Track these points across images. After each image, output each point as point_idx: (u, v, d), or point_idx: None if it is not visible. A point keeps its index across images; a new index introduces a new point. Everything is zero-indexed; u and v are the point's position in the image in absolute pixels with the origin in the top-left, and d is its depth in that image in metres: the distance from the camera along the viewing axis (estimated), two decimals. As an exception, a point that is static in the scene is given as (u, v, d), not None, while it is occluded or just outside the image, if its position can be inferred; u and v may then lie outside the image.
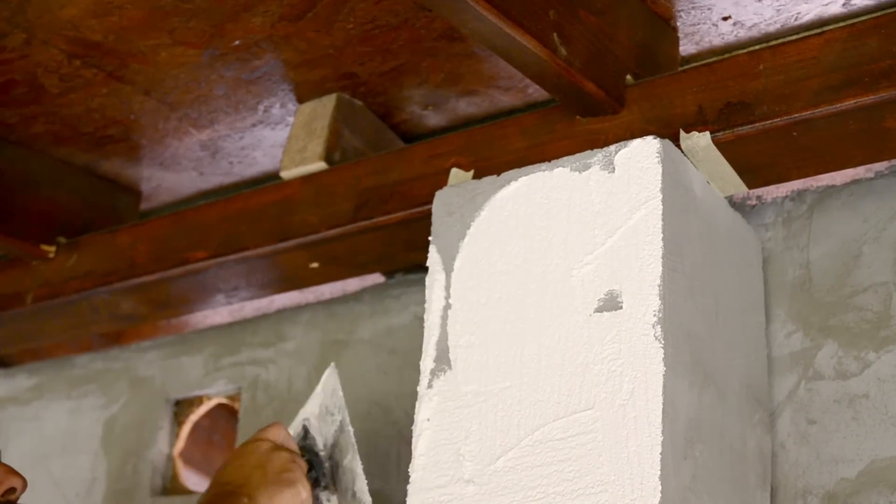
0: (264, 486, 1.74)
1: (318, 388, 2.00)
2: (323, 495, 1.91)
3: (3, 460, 1.79)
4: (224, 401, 2.77)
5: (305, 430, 1.97)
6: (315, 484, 1.90)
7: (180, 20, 2.00)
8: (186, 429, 2.79)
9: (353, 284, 2.54)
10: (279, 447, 1.82)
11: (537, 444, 1.61)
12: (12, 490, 1.78)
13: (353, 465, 1.91)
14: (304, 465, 1.85)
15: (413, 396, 1.80)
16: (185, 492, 2.72)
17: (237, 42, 2.06)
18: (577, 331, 1.64)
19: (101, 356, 3.01)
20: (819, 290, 1.88)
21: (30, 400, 3.11)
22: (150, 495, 2.71)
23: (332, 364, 2.00)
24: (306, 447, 1.95)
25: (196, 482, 2.96)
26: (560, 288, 1.68)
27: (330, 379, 1.99)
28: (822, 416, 1.81)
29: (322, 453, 1.95)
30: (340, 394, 1.98)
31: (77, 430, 2.94)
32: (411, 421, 1.89)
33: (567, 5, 1.72)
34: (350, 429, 1.94)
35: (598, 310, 1.63)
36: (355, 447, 1.92)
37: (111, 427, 2.88)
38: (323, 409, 1.98)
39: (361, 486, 1.90)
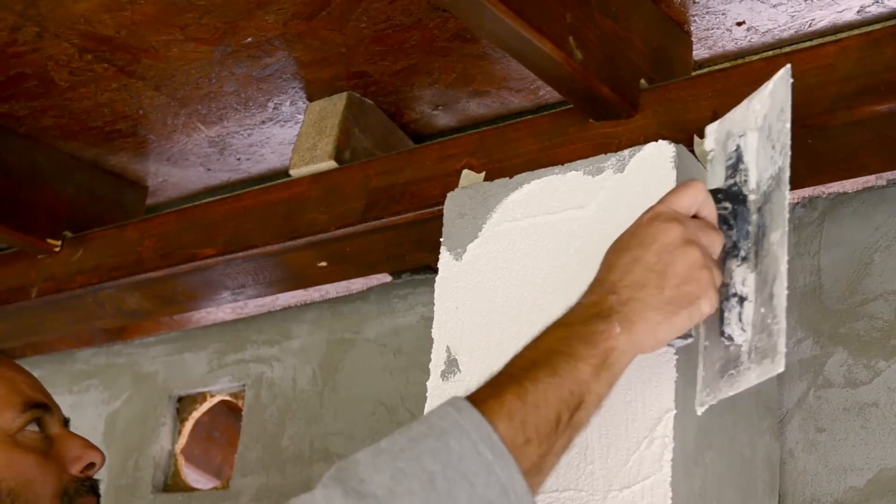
0: (653, 306, 1.31)
1: (766, 90, 1.40)
2: (738, 271, 1.38)
3: None
4: (228, 398, 2.76)
5: (738, 156, 1.42)
6: (731, 251, 1.39)
7: (193, 16, 1.99)
8: (189, 425, 2.79)
9: (358, 283, 2.53)
10: (691, 237, 1.35)
11: (547, 447, 1.61)
12: (91, 465, 1.73)
13: (779, 250, 1.34)
14: (719, 246, 1.37)
15: (419, 397, 1.80)
16: (187, 489, 2.72)
17: (249, 39, 2.06)
18: (589, 335, 1.63)
19: (104, 351, 3.01)
20: (829, 297, 1.88)
21: (31, 394, 3.10)
22: (151, 491, 2.71)
23: (788, 66, 1.41)
24: (731, 187, 1.40)
25: (196, 479, 2.96)
26: (571, 292, 1.68)
27: (780, 86, 1.39)
28: (831, 424, 1.81)
29: (751, 198, 1.40)
30: (788, 125, 1.35)
31: (79, 424, 2.91)
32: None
33: (583, 9, 1.72)
34: (787, 191, 1.34)
35: (610, 314, 1.62)
36: (786, 224, 1.35)
37: (113, 422, 2.88)
38: (766, 129, 1.39)
39: (782, 293, 1.32)
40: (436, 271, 1.84)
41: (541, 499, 1.58)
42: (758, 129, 1.41)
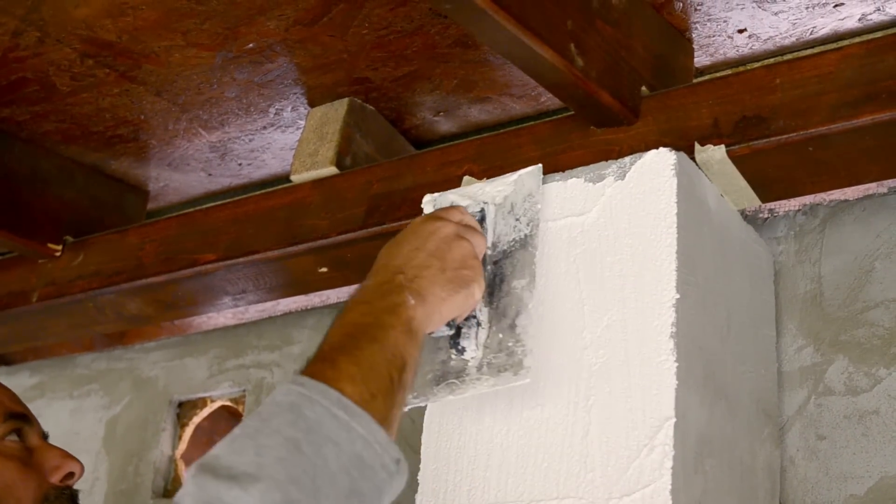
0: (439, 283, 1.49)
1: (510, 178, 1.73)
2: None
3: None
4: (228, 403, 2.76)
5: (482, 216, 1.71)
6: None
7: (195, 22, 1.99)
8: (189, 431, 2.79)
9: (359, 289, 2.53)
10: (462, 234, 1.57)
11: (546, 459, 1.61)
12: (70, 475, 1.76)
13: (525, 294, 1.64)
14: (483, 249, 1.62)
15: (419, 404, 1.80)
16: (187, 494, 2.71)
17: (251, 45, 2.06)
18: (589, 343, 1.63)
19: (105, 356, 3.01)
20: (830, 304, 1.88)
21: (31, 399, 3.09)
22: (151, 497, 2.70)
23: (539, 165, 1.75)
24: None
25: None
26: (571, 299, 1.68)
27: (528, 178, 1.72)
28: (831, 431, 1.81)
29: (488, 253, 1.69)
30: (539, 206, 1.70)
31: (79, 429, 2.94)
32: (417, 428, 1.88)
33: (584, 16, 1.72)
34: (536, 253, 1.67)
35: (611, 323, 1.62)
36: (535, 276, 1.65)
37: (113, 427, 2.87)
38: (507, 205, 1.71)
39: (527, 325, 1.61)
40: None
41: (541, 506, 1.58)
42: (496, 204, 1.72)
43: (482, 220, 1.70)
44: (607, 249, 1.67)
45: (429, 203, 1.80)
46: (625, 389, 1.57)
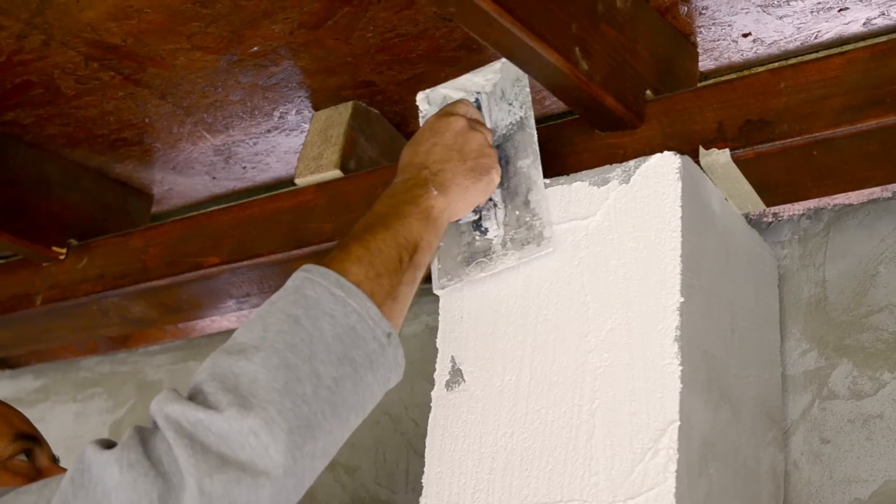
0: (461, 174, 1.64)
1: (496, 66, 1.79)
2: None
3: None
4: (231, 406, 2.76)
5: (477, 105, 1.80)
6: None
7: (200, 25, 1.99)
8: (193, 434, 2.78)
9: (363, 292, 2.53)
10: (475, 125, 1.71)
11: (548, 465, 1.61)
12: None
13: (532, 172, 1.74)
14: (490, 138, 1.72)
15: (423, 407, 1.80)
16: (191, 497, 2.71)
17: (255, 48, 2.06)
18: (593, 347, 1.63)
19: (109, 359, 3.01)
20: (834, 309, 1.88)
21: (35, 402, 3.10)
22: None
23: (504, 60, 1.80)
24: None
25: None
26: (575, 303, 1.68)
27: (512, 68, 1.78)
28: (835, 435, 1.81)
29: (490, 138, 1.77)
30: (527, 90, 1.78)
31: (83, 433, 2.94)
32: (421, 431, 1.89)
33: (589, 19, 1.72)
34: (533, 131, 1.76)
35: (615, 327, 1.62)
36: (538, 154, 1.75)
37: (117, 431, 2.87)
38: (497, 91, 1.79)
39: (540, 199, 1.72)
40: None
41: (545, 509, 1.58)
42: (487, 93, 1.79)
43: (478, 108, 1.78)
44: (612, 253, 1.67)
45: (422, 99, 1.87)
46: (629, 393, 1.57)
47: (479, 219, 1.75)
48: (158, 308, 2.47)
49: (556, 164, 1.86)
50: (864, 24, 1.86)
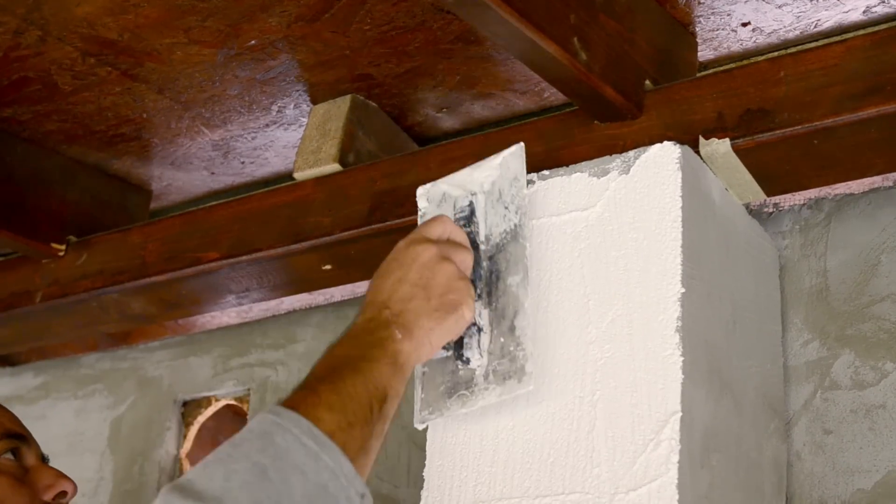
0: (424, 314, 1.49)
1: (495, 161, 1.65)
2: (475, 306, 1.59)
3: None
4: (233, 402, 2.76)
5: (471, 211, 1.65)
6: None
7: (196, 19, 1.99)
8: (194, 430, 2.78)
9: (363, 286, 2.52)
10: (445, 254, 1.55)
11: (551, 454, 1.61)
12: (63, 494, 1.78)
13: (520, 291, 1.59)
14: (471, 263, 1.58)
15: (424, 400, 1.79)
16: (192, 493, 2.71)
17: (253, 42, 2.05)
18: (594, 338, 1.63)
19: (109, 356, 3.00)
20: (836, 299, 1.87)
21: (36, 399, 3.10)
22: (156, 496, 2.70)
23: (521, 143, 1.67)
24: (467, 233, 1.63)
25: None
26: (576, 294, 1.67)
27: (512, 159, 1.64)
28: (838, 426, 1.80)
29: (482, 248, 1.63)
30: (525, 191, 1.63)
31: (84, 429, 2.94)
32: (423, 425, 1.87)
33: (587, 10, 1.71)
34: (527, 243, 1.61)
35: (616, 318, 1.62)
36: (528, 270, 1.60)
37: (118, 427, 2.87)
38: (495, 192, 1.64)
39: (525, 325, 1.57)
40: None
41: (547, 501, 1.57)
42: (485, 192, 1.64)
43: (472, 212, 1.66)
44: (612, 244, 1.66)
45: (422, 196, 1.77)
46: (630, 384, 1.57)
47: (461, 345, 1.61)
48: (158, 304, 2.46)
49: (556, 155, 1.86)
50: (864, 12, 1.86)
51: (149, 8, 1.95)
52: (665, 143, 1.68)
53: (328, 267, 2.19)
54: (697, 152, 1.72)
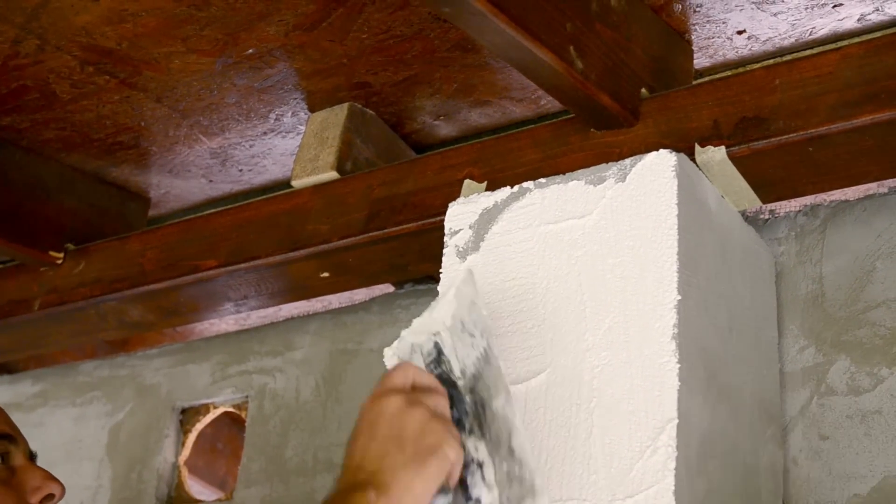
0: (401, 467, 1.37)
1: (450, 294, 1.55)
2: (469, 442, 1.48)
3: None
4: (231, 409, 2.76)
5: (438, 351, 1.54)
6: (459, 426, 1.48)
7: (194, 28, 1.99)
8: (192, 437, 2.78)
9: (361, 294, 2.53)
10: (413, 400, 1.43)
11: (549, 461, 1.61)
12: (51, 496, 1.77)
13: (507, 412, 1.52)
14: (445, 403, 1.46)
15: (423, 407, 1.79)
16: (191, 501, 2.71)
17: (250, 51, 2.06)
18: (591, 346, 1.63)
19: (107, 363, 3.00)
20: (832, 305, 1.88)
21: (34, 406, 3.10)
22: (155, 503, 2.70)
23: (468, 269, 1.60)
24: (440, 376, 1.52)
25: (199, 491, 2.95)
26: (573, 302, 1.68)
27: (465, 286, 1.57)
28: (834, 431, 1.81)
29: (461, 383, 1.52)
30: (484, 312, 1.57)
31: (82, 437, 2.94)
32: (421, 432, 1.87)
33: (583, 18, 1.72)
34: (500, 363, 1.54)
35: (613, 325, 1.62)
36: (508, 389, 1.53)
37: (116, 434, 2.87)
38: (457, 324, 1.55)
39: (521, 443, 1.50)
40: (438, 281, 1.84)
41: (544, 508, 1.58)
42: (448, 328, 1.52)
43: (439, 352, 1.54)
44: (608, 251, 1.67)
45: (391, 357, 1.58)
46: (627, 391, 1.57)
47: (467, 488, 1.46)
48: (156, 311, 2.47)
49: (552, 163, 1.86)
50: (859, 19, 1.87)
51: (147, 17, 1.96)
52: (661, 150, 1.68)
53: (326, 274, 2.20)
54: (693, 160, 1.72)
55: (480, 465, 1.47)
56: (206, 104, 2.25)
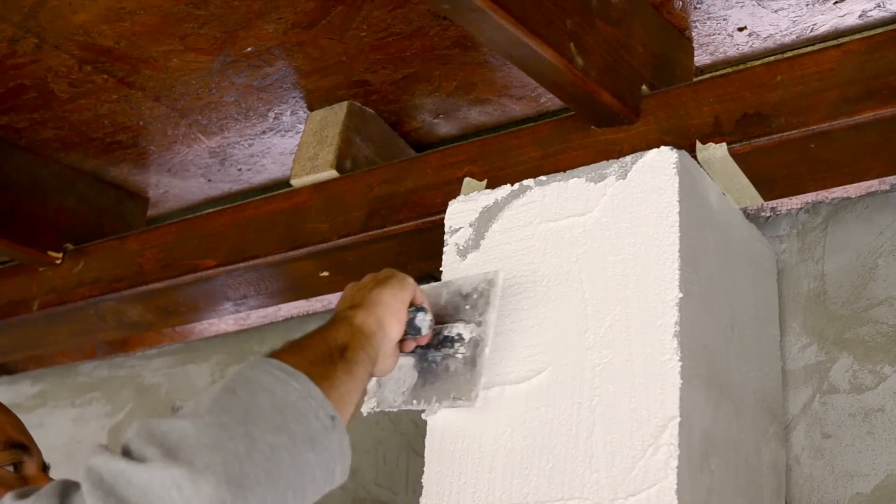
0: (374, 290, 1.63)
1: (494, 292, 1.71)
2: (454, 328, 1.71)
3: None
4: (230, 409, 2.75)
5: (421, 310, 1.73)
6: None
7: (193, 27, 1.99)
8: (192, 437, 2.77)
9: (361, 293, 2.52)
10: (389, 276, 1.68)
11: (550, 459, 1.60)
12: None
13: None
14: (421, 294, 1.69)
15: (422, 407, 1.78)
16: (190, 500, 2.70)
17: (249, 49, 2.05)
18: (593, 343, 1.62)
19: (106, 364, 3.00)
20: (834, 302, 1.87)
21: (33, 407, 3.09)
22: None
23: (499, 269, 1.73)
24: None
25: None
26: (574, 300, 1.67)
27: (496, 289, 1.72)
28: (837, 429, 1.80)
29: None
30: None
31: (81, 437, 2.93)
32: (420, 431, 1.87)
33: (584, 15, 1.71)
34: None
35: (614, 323, 1.62)
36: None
37: (116, 435, 2.87)
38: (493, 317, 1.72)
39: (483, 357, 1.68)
40: (438, 280, 1.83)
41: (546, 508, 1.57)
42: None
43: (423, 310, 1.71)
44: (609, 249, 1.66)
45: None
46: (629, 389, 1.57)
47: (445, 330, 1.72)
48: (155, 311, 2.46)
49: (553, 161, 1.86)
50: (860, 16, 1.86)
51: (145, 15, 1.95)
52: (662, 147, 1.68)
53: (326, 273, 2.19)
54: (695, 157, 1.72)
55: (459, 338, 1.70)
56: (205, 103, 2.24)
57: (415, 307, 1.66)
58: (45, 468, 1.80)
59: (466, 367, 1.67)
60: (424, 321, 1.66)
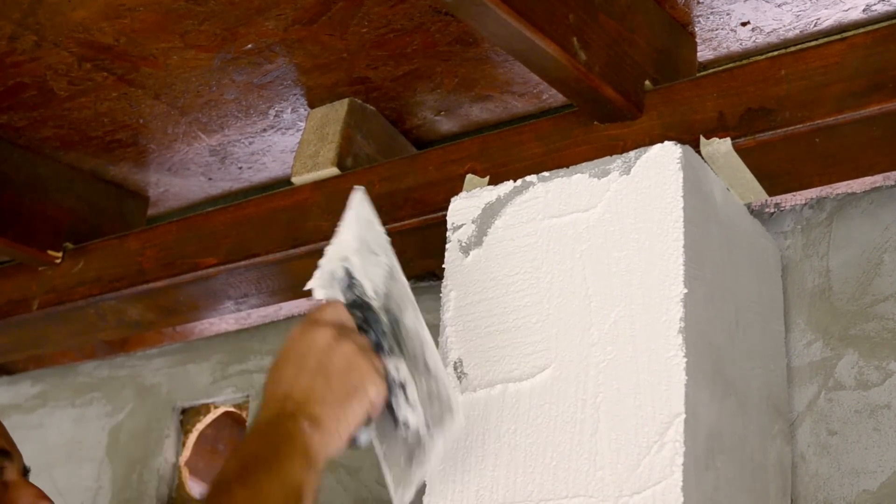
0: (329, 401, 1.44)
1: (350, 214, 1.59)
2: (389, 363, 1.54)
3: None
4: (231, 409, 2.75)
5: (349, 275, 1.58)
6: (378, 349, 1.54)
7: (193, 23, 1.98)
8: (193, 438, 2.77)
9: (362, 292, 2.51)
10: (342, 335, 1.50)
11: (554, 457, 1.59)
12: None
13: (418, 325, 1.56)
14: (368, 346, 1.52)
15: (424, 405, 1.77)
16: (192, 501, 2.70)
17: (249, 46, 2.04)
18: (597, 340, 1.61)
19: (107, 363, 2.99)
20: (839, 298, 1.86)
21: (34, 408, 3.08)
22: (155, 504, 2.69)
23: (361, 188, 1.64)
24: (355, 301, 1.57)
25: (200, 491, 2.93)
26: (578, 296, 1.66)
27: (361, 207, 1.61)
28: (842, 426, 1.79)
29: (375, 304, 1.57)
30: (380, 228, 1.60)
31: (82, 438, 2.92)
32: (422, 430, 1.85)
33: (587, 9, 1.70)
34: (403, 278, 1.58)
35: (618, 319, 1.61)
36: (414, 302, 1.57)
37: (116, 435, 2.86)
38: (363, 245, 1.59)
39: (434, 356, 1.55)
40: (440, 278, 1.82)
41: (550, 506, 1.57)
42: (355, 251, 1.58)
43: (350, 276, 1.59)
44: (613, 245, 1.65)
45: (318, 289, 1.60)
46: (633, 386, 1.56)
47: (393, 411, 1.54)
48: (156, 310, 2.45)
49: (556, 156, 1.85)
50: (864, 10, 1.85)
51: (145, 12, 1.94)
52: (666, 143, 1.67)
53: (327, 271, 2.18)
54: (699, 152, 1.71)
55: (403, 387, 1.53)
56: (205, 101, 2.23)
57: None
58: (25, 472, 1.78)
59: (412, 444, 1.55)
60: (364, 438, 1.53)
